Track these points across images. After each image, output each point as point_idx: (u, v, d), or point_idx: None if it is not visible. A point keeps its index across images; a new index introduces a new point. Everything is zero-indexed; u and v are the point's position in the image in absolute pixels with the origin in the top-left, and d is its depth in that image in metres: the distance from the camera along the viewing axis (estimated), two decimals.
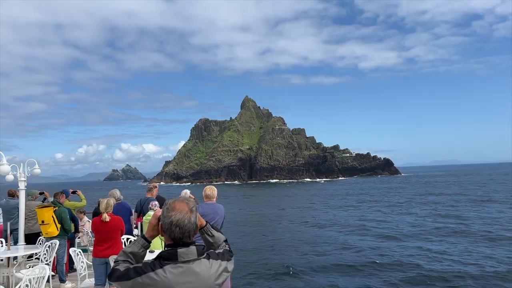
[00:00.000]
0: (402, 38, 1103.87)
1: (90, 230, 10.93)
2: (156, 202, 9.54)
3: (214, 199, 7.27)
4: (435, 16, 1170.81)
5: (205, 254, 2.38)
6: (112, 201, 7.77)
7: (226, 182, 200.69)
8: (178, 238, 2.32)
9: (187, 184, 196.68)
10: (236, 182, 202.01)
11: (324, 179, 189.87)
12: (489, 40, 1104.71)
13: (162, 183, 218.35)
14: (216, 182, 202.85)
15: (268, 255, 24.27)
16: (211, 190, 7.28)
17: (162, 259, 2.27)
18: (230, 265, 2.51)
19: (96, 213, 8.99)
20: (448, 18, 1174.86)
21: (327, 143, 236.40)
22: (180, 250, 2.28)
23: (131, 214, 9.93)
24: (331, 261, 21.80)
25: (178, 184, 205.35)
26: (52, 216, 9.01)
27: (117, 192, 8.53)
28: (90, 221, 10.78)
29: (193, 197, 10.19)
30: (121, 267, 2.34)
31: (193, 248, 2.31)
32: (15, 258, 8.91)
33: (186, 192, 9.62)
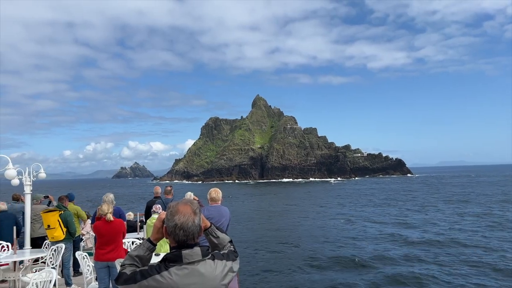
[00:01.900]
0: (412, 38, 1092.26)
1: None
2: (159, 205, 9.53)
3: (219, 202, 7.20)
4: (446, 16, 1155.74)
5: (210, 255, 2.37)
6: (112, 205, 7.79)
7: (237, 181, 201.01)
8: (182, 241, 2.31)
9: (198, 182, 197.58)
10: (247, 181, 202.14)
11: (335, 179, 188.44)
12: (500, 41, 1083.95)
13: (176, 181, 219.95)
14: (228, 180, 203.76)
15: (328, 247, 25.90)
16: (216, 192, 7.21)
17: (167, 261, 2.28)
18: (236, 265, 2.50)
19: (93, 219, 9.00)
20: (458, 18, 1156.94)
21: (335, 142, 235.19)
22: (185, 252, 2.27)
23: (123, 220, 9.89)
24: (388, 255, 22.96)
25: (190, 182, 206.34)
26: (58, 220, 9.05)
27: (110, 196, 8.52)
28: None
29: (197, 199, 10.17)
30: (128, 270, 2.33)
31: (197, 249, 2.31)
32: (21, 262, 8.95)
33: (190, 195, 9.58)
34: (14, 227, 9.20)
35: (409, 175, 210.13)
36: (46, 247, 9.49)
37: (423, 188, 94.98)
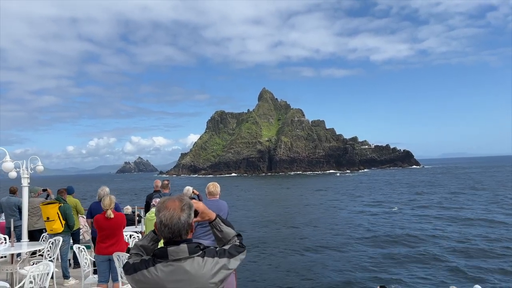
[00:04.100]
0: (414, 30, 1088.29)
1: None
2: (158, 199, 9.46)
3: (218, 196, 7.13)
4: (449, 8, 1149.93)
5: (200, 252, 2.29)
6: (114, 198, 7.71)
7: (245, 174, 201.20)
8: (168, 238, 2.29)
9: (209, 176, 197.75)
10: (255, 174, 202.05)
11: (343, 172, 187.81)
12: (503, 32, 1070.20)
13: (183, 175, 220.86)
14: (236, 174, 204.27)
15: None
16: (214, 186, 7.13)
17: (155, 257, 2.27)
18: (234, 262, 2.40)
19: (91, 213, 8.96)
20: (462, 10, 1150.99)
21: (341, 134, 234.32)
22: (170, 249, 2.24)
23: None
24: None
25: (199, 175, 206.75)
26: (57, 213, 9.04)
27: (106, 189, 8.47)
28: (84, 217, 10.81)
29: (198, 193, 10.06)
30: (131, 260, 2.36)
31: (184, 247, 2.24)
32: (19, 254, 8.96)
33: (188, 189, 9.49)
34: (12, 220, 9.22)
35: (416, 166, 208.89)
36: (43, 240, 9.49)
37: (445, 178, 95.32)
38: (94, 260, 8.46)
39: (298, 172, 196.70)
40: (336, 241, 24.51)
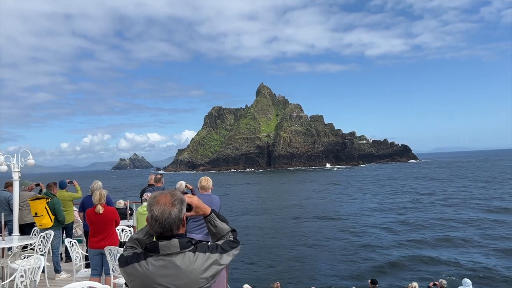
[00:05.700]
0: (409, 25, 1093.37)
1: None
2: (150, 193, 9.40)
3: (210, 190, 7.12)
4: (444, 3, 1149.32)
5: (192, 247, 2.28)
6: (105, 192, 7.65)
7: (247, 170, 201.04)
8: (159, 232, 2.28)
9: (207, 172, 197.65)
10: (254, 169, 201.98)
11: (340, 167, 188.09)
12: (497, 27, 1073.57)
13: (182, 171, 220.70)
14: (235, 170, 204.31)
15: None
16: (206, 181, 7.12)
17: (147, 251, 2.27)
18: (226, 258, 2.39)
19: (83, 206, 8.91)
20: (456, 5, 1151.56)
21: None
22: (161, 243, 2.23)
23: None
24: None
25: (195, 172, 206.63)
26: (46, 208, 8.95)
27: (98, 183, 8.41)
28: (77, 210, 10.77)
29: (191, 188, 10.01)
30: (125, 253, 2.37)
31: (175, 241, 2.24)
32: (10, 248, 8.91)
33: (182, 184, 9.42)
34: (3, 214, 9.14)
35: (414, 160, 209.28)
36: (35, 234, 9.44)
37: (446, 171, 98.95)
38: (86, 254, 8.47)
39: (297, 168, 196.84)
40: (363, 230, 27.72)
